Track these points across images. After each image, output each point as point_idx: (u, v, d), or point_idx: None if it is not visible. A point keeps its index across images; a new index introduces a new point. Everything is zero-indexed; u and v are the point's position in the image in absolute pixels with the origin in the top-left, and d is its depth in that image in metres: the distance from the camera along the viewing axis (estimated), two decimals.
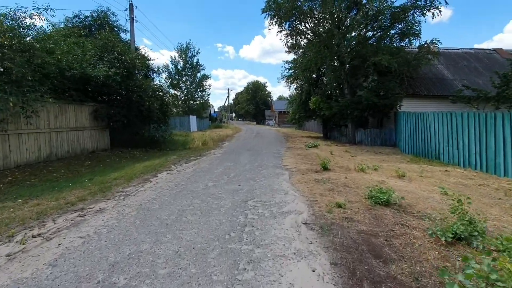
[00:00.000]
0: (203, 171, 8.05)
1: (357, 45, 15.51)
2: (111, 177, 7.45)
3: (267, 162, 9.66)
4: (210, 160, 10.45)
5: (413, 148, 12.41)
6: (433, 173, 7.67)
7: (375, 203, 4.56)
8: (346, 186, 5.91)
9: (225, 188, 5.93)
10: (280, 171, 7.89)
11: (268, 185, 6.19)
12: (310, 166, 8.57)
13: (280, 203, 4.82)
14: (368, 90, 15.99)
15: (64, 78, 9.56)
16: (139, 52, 16.44)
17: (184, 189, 5.96)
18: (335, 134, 21.71)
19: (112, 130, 13.57)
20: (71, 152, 10.79)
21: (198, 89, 42.42)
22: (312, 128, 33.53)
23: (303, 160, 10.01)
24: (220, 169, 8.33)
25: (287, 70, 23.12)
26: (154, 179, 7.15)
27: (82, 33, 14.02)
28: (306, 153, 12.26)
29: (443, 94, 16.24)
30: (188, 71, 41.50)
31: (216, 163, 9.63)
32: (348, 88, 17.17)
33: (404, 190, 5.55)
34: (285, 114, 53.97)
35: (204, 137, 18.76)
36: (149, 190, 5.97)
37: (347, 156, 11.56)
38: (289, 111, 41.26)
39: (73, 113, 10.97)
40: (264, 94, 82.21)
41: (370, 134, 16.98)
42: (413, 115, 12.43)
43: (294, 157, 10.86)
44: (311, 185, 6.06)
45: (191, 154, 12.25)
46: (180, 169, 8.54)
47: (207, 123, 47.06)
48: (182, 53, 40.77)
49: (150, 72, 16.86)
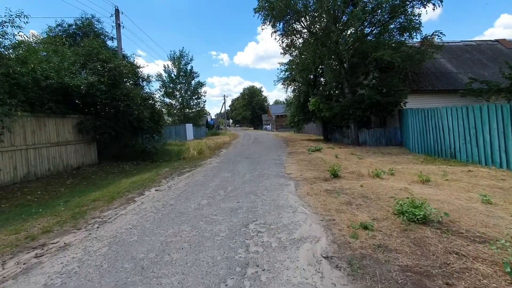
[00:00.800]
0: (197, 185, 7.09)
1: (356, 41, 14.74)
2: (90, 197, 6.48)
3: (269, 170, 8.72)
4: (206, 171, 9.49)
5: (424, 147, 11.53)
6: (457, 175, 6.76)
7: (409, 221, 3.62)
8: (365, 197, 4.98)
9: (221, 207, 4.98)
10: (284, 181, 6.95)
11: (272, 200, 5.24)
12: (317, 174, 7.64)
13: (290, 226, 3.88)
14: (369, 88, 15.19)
15: (40, 89, 8.64)
16: (127, 60, 15.59)
17: (173, 210, 5.00)
18: (336, 135, 20.84)
19: (99, 143, 12.62)
20: (52, 169, 9.80)
21: (193, 97, 41.64)
22: (312, 130, 32.69)
23: (308, 167, 9.08)
24: (216, 182, 7.37)
25: (283, 72, 22.39)
26: (140, 198, 6.18)
27: (66, 42, 13.15)
28: (310, 158, 11.34)
29: (449, 88, 15.47)
30: (182, 79, 40.77)
31: (212, 174, 8.68)
32: (348, 87, 16.36)
33: (436, 199, 4.63)
34: (282, 118, 53.19)
35: (200, 146, 17.81)
36: (130, 214, 5.00)
37: (354, 159, 10.65)
38: (287, 115, 40.53)
39: (54, 126, 10.02)
40: (260, 99, 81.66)
41: (374, 134, 16.12)
42: (422, 111, 11.57)
43: (298, 164, 9.92)
44: (323, 198, 5.12)
45: (185, 165, 11.29)
46: (171, 184, 7.57)
47: (204, 131, 46.15)
48: (176, 61, 40.11)
49: (140, 80, 15.98)
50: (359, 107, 14.84)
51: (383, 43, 14.04)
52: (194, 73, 41.17)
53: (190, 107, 41.68)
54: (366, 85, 16.02)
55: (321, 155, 11.90)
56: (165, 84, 39.71)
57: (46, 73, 8.98)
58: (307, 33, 16.79)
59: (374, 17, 15.47)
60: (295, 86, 22.32)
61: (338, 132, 20.00)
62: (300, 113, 21.37)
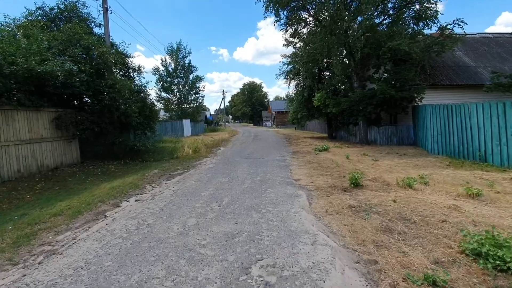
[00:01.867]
0: (186, 194, 5.82)
1: (369, 30, 13.37)
2: (53, 210, 5.21)
3: (272, 175, 7.44)
4: (199, 174, 8.21)
5: (446, 147, 10.26)
6: (504, 185, 5.50)
7: (495, 269, 2.37)
8: (407, 220, 3.72)
9: (214, 232, 3.71)
10: (292, 190, 5.68)
11: (281, 221, 3.98)
12: (331, 181, 6.37)
13: (311, 272, 2.61)
14: (381, 82, 13.87)
15: (3, 77, 7.29)
16: (117, 49, 14.20)
17: (148, 236, 3.73)
18: (341, 133, 19.56)
19: (84, 141, 11.32)
20: (23, 171, 8.51)
21: (192, 92, 40.23)
22: (314, 128, 31.40)
23: (319, 170, 7.80)
24: (210, 190, 6.10)
25: (286, 65, 20.97)
26: (112, 213, 4.91)
27: (45, 27, 11.76)
28: (318, 159, 10.06)
29: (468, 83, 14.16)
30: (180, 73, 39.34)
31: (206, 179, 7.40)
32: (357, 81, 15.04)
33: (506, 225, 3.37)
34: (283, 114, 51.79)
35: (196, 143, 16.51)
36: (91, 240, 3.73)
37: (368, 161, 9.39)
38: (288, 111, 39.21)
39: (25, 121, 8.70)
40: (261, 94, 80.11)
41: (385, 132, 14.84)
42: (444, 108, 10.28)
43: (305, 166, 8.65)
44: (349, 220, 3.85)
45: (177, 166, 10.01)
46: (156, 192, 6.29)
47: (203, 127, 44.83)
48: (173, 54, 38.61)
49: (130, 71, 14.61)
50: (370, 102, 13.54)
51: (398, 32, 12.68)
52: (192, 67, 39.74)
53: (188, 102, 40.30)
54: (377, 79, 14.69)
55: (330, 156, 10.63)
56: (162, 78, 38.30)
57: (12, 58, 7.63)
58: (314, 21, 15.40)
59: (387, 5, 14.12)
60: (298, 80, 20.95)
61: (344, 129, 18.72)
62: (304, 109, 20.05)
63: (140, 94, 12.44)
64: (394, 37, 12.90)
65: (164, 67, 38.20)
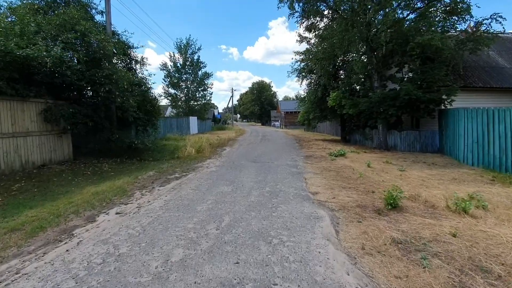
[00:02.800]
0: (178, 208, 4.72)
1: (394, 24, 12.03)
2: (13, 223, 4.19)
3: (284, 185, 6.29)
4: (199, 179, 7.12)
5: (483, 158, 8.90)
6: None
7: None
8: (487, 273, 2.52)
9: (205, 277, 2.58)
10: (311, 209, 4.52)
11: (300, 262, 2.83)
12: (358, 197, 5.18)
13: None
14: (406, 81, 12.54)
15: None
16: (119, 38, 13.26)
17: (112, 279, 2.63)
18: (356, 137, 18.24)
19: (79, 136, 10.40)
20: (3, 168, 7.58)
21: (200, 88, 39.32)
22: (325, 129, 30.04)
23: (339, 181, 6.61)
24: (209, 203, 4.99)
25: (298, 62, 19.70)
26: (82, 231, 3.85)
27: (41, 11, 10.88)
28: (335, 166, 8.86)
29: (503, 86, 12.70)
30: (188, 69, 38.47)
31: (206, 186, 6.30)
32: (378, 80, 13.72)
33: None
34: (292, 114, 50.44)
35: (200, 142, 15.49)
36: (34, 280, 2.66)
37: (394, 171, 8.14)
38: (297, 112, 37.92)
39: (8, 112, 7.77)
40: (270, 94, 78.77)
41: (407, 137, 13.50)
42: (484, 112, 8.92)
43: (322, 175, 7.46)
44: (399, 267, 2.68)
45: (177, 168, 8.96)
46: (145, 201, 5.22)
47: (210, 125, 43.98)
48: (182, 49, 37.76)
49: (133, 62, 13.66)
50: (393, 104, 12.22)
51: (430, 24, 11.31)
52: (201, 63, 38.83)
53: (195, 99, 39.41)
54: (400, 79, 13.37)
55: (349, 163, 9.40)
56: (170, 74, 37.51)
57: None
58: (332, 14, 14.15)
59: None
60: (311, 79, 19.70)
61: (360, 133, 17.40)
62: (317, 109, 18.80)
63: (141, 87, 11.44)
64: (422, 32, 11.56)
65: (172, 63, 37.42)
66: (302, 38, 19.18)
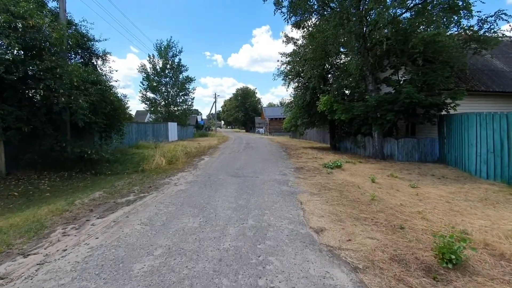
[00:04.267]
0: (102, 270, 2.87)
1: (391, 21, 10.80)
2: None
3: (274, 215, 4.55)
4: (158, 205, 5.26)
5: (502, 171, 7.62)
6: None
7: None
8: None
9: None
10: (320, 270, 2.81)
11: None
12: (385, 238, 3.52)
13: None
14: (404, 84, 11.33)
15: None
16: (77, 29, 11.20)
17: None
18: (346, 144, 16.93)
19: (21, 144, 8.22)
20: None
21: (181, 93, 37.16)
22: (312, 136, 28.79)
23: (347, 207, 4.96)
24: (157, 255, 3.17)
25: (285, 65, 18.27)
26: None
27: None
28: (334, 181, 7.25)
29: (506, 90, 11.77)
30: (169, 72, 36.32)
31: (163, 218, 4.45)
32: (373, 83, 12.46)
33: None
34: (277, 121, 49.20)
35: (175, 151, 13.56)
36: None
37: (405, 188, 6.65)
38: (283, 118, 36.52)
39: None
40: (254, 100, 77.55)
41: (405, 145, 12.23)
42: (502, 118, 7.69)
43: (322, 196, 5.80)
44: None
45: (136, 186, 7.03)
46: (58, 251, 3.31)
47: (191, 132, 41.71)
48: (162, 52, 35.64)
49: (94, 57, 11.62)
50: (391, 108, 10.92)
51: (430, 21, 10.18)
52: (182, 66, 36.83)
53: (176, 104, 37.20)
54: (396, 82, 12.18)
55: (349, 177, 7.84)
56: (149, 77, 35.19)
57: None
58: (323, 10, 12.82)
59: None
60: (299, 82, 18.29)
61: (351, 140, 16.10)
62: (305, 115, 17.34)
63: (99, 86, 9.42)
64: (421, 30, 10.43)
65: (151, 65, 35.17)
66: (289, 39, 17.85)
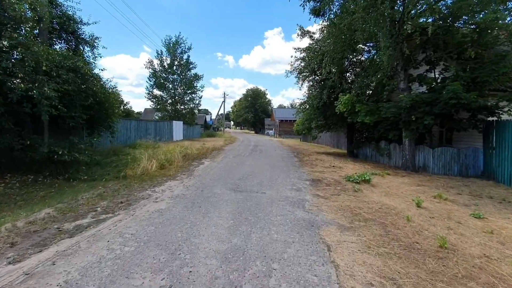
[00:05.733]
0: None
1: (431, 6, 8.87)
2: None
3: (286, 275, 2.78)
4: (114, 239, 3.56)
5: None
6: None
7: None
8: None
9: None
10: None
11: None
12: None
13: None
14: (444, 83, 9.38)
15: None
16: (63, 9, 9.75)
17: None
18: (366, 151, 14.95)
19: None
20: None
21: (188, 91, 35.74)
22: (324, 140, 26.77)
23: (403, 260, 3.14)
24: None
25: (299, 61, 16.43)
26: None
27: None
28: (368, 204, 5.39)
29: None
30: (176, 69, 35.02)
31: (105, 273, 2.77)
32: (405, 80, 10.52)
33: None
34: (287, 123, 47.26)
35: (173, 152, 11.95)
36: None
37: (467, 219, 4.74)
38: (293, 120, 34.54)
39: None
40: (264, 102, 75.77)
41: (442, 156, 10.21)
42: None
43: (359, 234, 3.97)
44: None
45: (105, 200, 5.38)
46: None
47: (198, 131, 40.25)
48: (170, 48, 34.36)
49: (82, 43, 10.14)
50: (429, 111, 8.99)
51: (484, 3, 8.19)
52: (191, 63, 35.44)
53: (183, 103, 35.81)
54: (431, 80, 10.22)
55: (384, 197, 5.98)
56: (156, 74, 33.97)
57: None
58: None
59: None
60: (314, 81, 16.44)
61: (372, 146, 14.12)
62: (320, 116, 15.46)
63: (77, 73, 7.87)
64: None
65: (159, 61, 33.94)
66: (304, 32, 16.05)
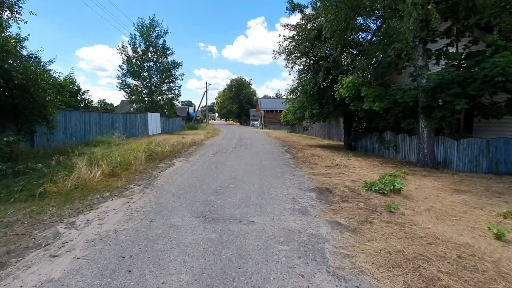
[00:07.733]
0: None
1: None
2: None
3: None
4: None
5: None
6: None
7: None
8: None
9: None
10: None
11: None
12: None
13: None
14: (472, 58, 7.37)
15: None
16: None
17: None
18: (367, 143, 13.01)
19: None
20: None
21: (166, 80, 32.50)
22: (314, 131, 24.67)
23: None
24: None
25: (288, 40, 14.04)
26: None
27: None
28: (427, 242, 3.22)
29: None
30: (152, 56, 31.67)
31: None
32: (424, 56, 8.45)
33: None
34: (273, 113, 45.07)
35: (137, 151, 9.43)
36: None
37: None
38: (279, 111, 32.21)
39: None
40: (249, 92, 72.91)
41: (468, 149, 8.34)
42: None
43: None
44: None
45: None
46: None
47: (179, 124, 37.22)
48: (144, 32, 30.80)
49: None
50: (462, 93, 6.98)
51: None
52: (168, 49, 32.09)
53: (161, 93, 32.60)
54: (458, 55, 8.20)
55: (442, 225, 3.85)
56: (130, 61, 30.48)
57: None
58: None
59: None
60: (306, 64, 14.15)
61: (375, 138, 12.15)
62: (315, 104, 13.26)
63: None
64: None
65: (132, 46, 30.42)
66: (294, 6, 13.72)
